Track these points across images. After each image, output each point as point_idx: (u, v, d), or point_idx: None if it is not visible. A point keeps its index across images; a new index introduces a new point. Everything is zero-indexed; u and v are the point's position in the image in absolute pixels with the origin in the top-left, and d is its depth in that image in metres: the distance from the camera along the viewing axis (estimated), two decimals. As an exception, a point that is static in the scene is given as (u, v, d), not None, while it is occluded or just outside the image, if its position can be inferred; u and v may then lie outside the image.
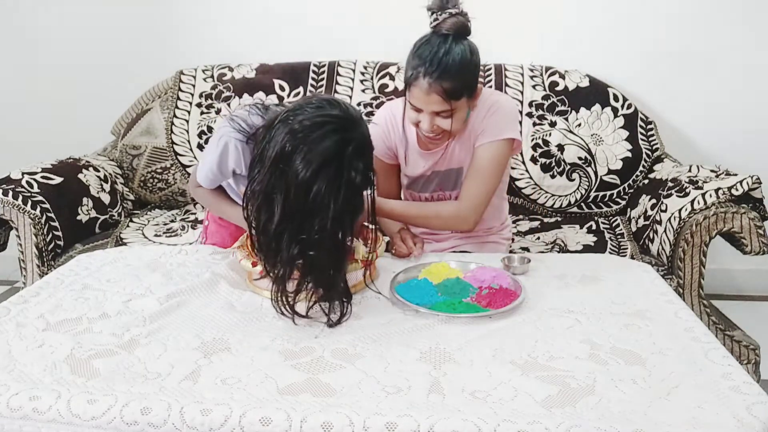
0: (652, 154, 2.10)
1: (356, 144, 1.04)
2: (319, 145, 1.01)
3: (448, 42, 1.29)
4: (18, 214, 1.80)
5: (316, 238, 1.03)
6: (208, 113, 2.23)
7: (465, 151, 1.49)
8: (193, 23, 2.41)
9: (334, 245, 1.05)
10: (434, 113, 1.34)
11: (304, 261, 1.05)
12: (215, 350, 0.99)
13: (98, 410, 0.84)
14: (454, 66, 1.28)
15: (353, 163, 1.03)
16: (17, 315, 1.11)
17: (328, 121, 1.04)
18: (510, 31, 2.24)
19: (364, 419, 0.81)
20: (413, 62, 1.31)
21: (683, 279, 1.68)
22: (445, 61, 1.28)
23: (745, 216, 1.62)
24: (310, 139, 1.02)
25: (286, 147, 1.02)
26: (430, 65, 1.28)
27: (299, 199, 1.01)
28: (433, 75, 1.28)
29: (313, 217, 1.02)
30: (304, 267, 1.06)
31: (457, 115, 1.35)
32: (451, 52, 1.28)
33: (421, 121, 1.36)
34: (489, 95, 1.47)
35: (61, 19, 2.44)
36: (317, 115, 1.04)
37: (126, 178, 2.24)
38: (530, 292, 1.17)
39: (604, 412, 0.81)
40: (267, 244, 1.07)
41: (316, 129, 1.02)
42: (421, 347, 0.99)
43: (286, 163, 1.02)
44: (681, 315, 1.09)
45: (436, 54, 1.28)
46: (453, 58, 1.28)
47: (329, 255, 1.06)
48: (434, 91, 1.29)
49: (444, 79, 1.28)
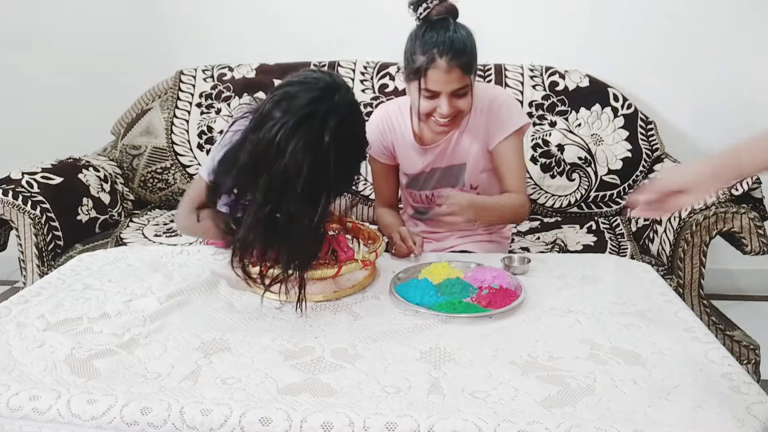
0: (652, 154, 2.10)
1: (332, 105, 1.06)
2: (298, 100, 1.04)
3: (450, 23, 1.35)
4: (18, 214, 1.80)
5: (286, 197, 1.03)
6: (208, 113, 2.23)
7: (467, 147, 1.50)
8: (193, 23, 2.41)
9: (307, 210, 1.05)
10: (452, 94, 1.38)
11: (272, 227, 1.05)
12: (215, 350, 0.99)
13: (98, 410, 0.84)
14: (465, 41, 1.35)
15: (327, 122, 1.04)
16: (18, 315, 1.11)
17: (312, 82, 1.08)
18: (510, 31, 2.24)
19: (364, 419, 0.81)
20: (423, 49, 1.35)
21: (683, 279, 1.68)
22: (457, 38, 1.34)
23: (745, 216, 1.62)
24: (290, 95, 1.05)
25: (269, 104, 1.06)
26: (444, 46, 1.33)
27: (270, 151, 1.03)
28: (449, 54, 1.33)
29: (286, 171, 1.02)
30: (274, 230, 1.05)
31: (470, 91, 1.40)
32: (458, 31, 1.35)
33: (438, 106, 1.39)
34: (484, 89, 1.51)
35: (60, 19, 2.44)
36: (303, 78, 1.09)
37: (126, 178, 2.24)
38: (530, 292, 1.17)
39: (604, 412, 0.81)
40: (238, 194, 1.08)
41: (297, 87, 1.07)
42: (421, 347, 0.99)
43: (267, 118, 1.04)
44: (681, 315, 1.09)
45: (446, 34, 1.33)
46: (461, 34, 1.35)
47: (303, 218, 1.05)
48: (455, 67, 1.33)
49: (461, 55, 1.34)
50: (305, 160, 1.02)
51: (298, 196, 1.03)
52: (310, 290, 1.16)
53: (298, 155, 1.02)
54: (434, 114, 1.41)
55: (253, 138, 1.05)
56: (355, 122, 1.12)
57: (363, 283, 1.22)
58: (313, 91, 1.06)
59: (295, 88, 1.07)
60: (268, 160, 1.03)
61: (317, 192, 1.06)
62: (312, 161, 1.02)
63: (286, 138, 1.02)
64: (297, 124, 1.03)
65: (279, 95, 1.07)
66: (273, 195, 1.04)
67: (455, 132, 1.49)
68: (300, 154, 1.02)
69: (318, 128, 1.04)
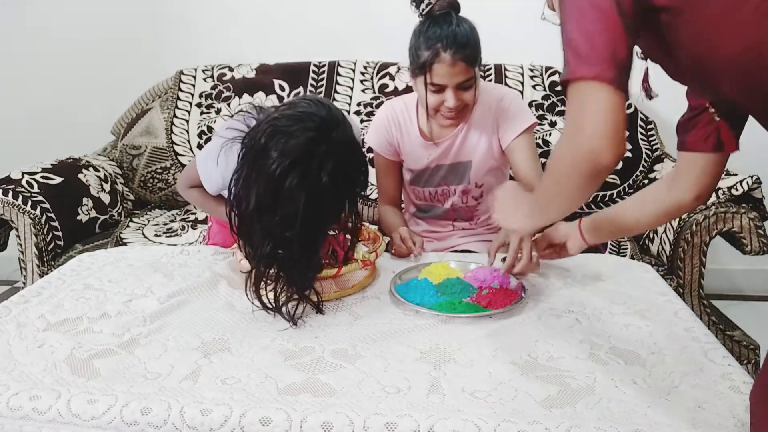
0: (652, 154, 2.10)
1: (329, 146, 1.03)
2: (294, 140, 1.02)
3: (453, 17, 1.37)
4: (18, 214, 1.80)
5: (287, 236, 1.03)
6: (208, 113, 2.23)
7: (474, 145, 1.51)
8: (193, 23, 2.41)
9: (304, 246, 1.05)
10: (457, 87, 1.39)
11: (276, 258, 1.05)
12: (215, 350, 0.99)
13: (98, 410, 0.84)
14: (468, 35, 1.37)
15: (324, 164, 1.02)
16: (18, 315, 1.11)
17: (308, 118, 1.04)
18: (510, 31, 2.23)
19: (364, 419, 0.81)
20: (427, 44, 1.36)
21: (683, 279, 1.68)
22: (461, 31, 1.36)
23: (745, 216, 1.62)
24: (287, 132, 1.03)
25: (264, 138, 1.03)
26: (448, 39, 1.34)
27: (270, 192, 1.02)
28: (453, 47, 1.34)
29: (283, 213, 1.02)
30: (277, 263, 1.06)
31: (475, 83, 1.42)
32: (462, 24, 1.37)
33: (445, 100, 1.41)
34: (492, 88, 1.54)
35: (61, 18, 2.44)
36: (300, 112, 1.06)
37: (126, 178, 2.24)
38: (530, 292, 1.17)
39: (604, 412, 0.81)
40: (244, 234, 1.08)
41: (295, 123, 1.04)
42: (421, 347, 0.99)
43: (263, 154, 1.03)
44: (681, 315, 1.09)
45: (449, 28, 1.35)
46: (464, 28, 1.37)
47: (299, 255, 1.05)
48: (459, 60, 1.35)
49: (465, 48, 1.35)
50: (301, 203, 1.01)
51: (296, 236, 1.03)
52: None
53: (295, 198, 1.01)
54: (441, 108, 1.43)
55: (255, 177, 1.03)
56: (353, 161, 1.10)
57: (363, 283, 1.22)
58: (309, 130, 1.03)
59: (291, 125, 1.04)
60: (268, 202, 1.03)
61: (314, 229, 1.06)
62: (308, 202, 1.01)
63: (281, 179, 1.01)
64: (292, 164, 1.01)
65: (272, 130, 1.04)
66: (274, 235, 1.04)
67: (462, 128, 1.50)
68: (297, 196, 1.01)
69: (315, 170, 1.02)
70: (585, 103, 0.70)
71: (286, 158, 1.01)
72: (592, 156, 0.69)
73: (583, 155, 0.70)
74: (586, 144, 0.70)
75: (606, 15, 0.68)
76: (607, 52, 0.68)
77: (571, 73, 0.71)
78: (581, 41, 0.70)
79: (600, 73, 0.68)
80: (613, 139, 0.69)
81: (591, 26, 0.69)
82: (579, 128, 0.70)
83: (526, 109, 1.56)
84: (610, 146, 0.69)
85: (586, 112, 0.70)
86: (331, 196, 1.05)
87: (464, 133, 1.51)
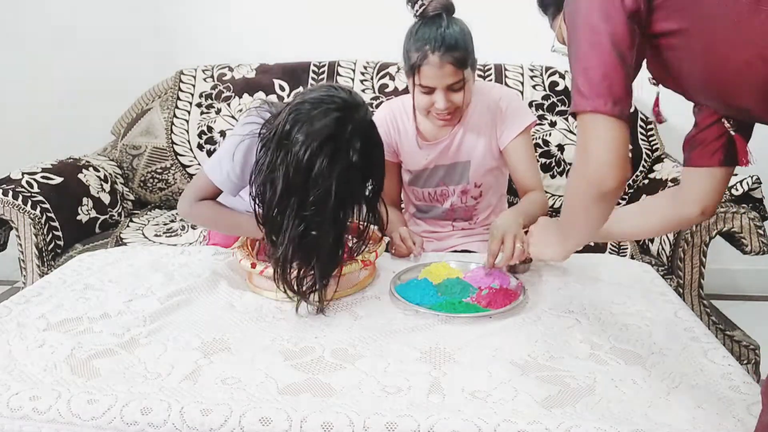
0: (652, 154, 2.09)
1: (355, 125, 1.07)
2: (320, 122, 1.04)
3: (444, 18, 1.36)
4: (18, 214, 1.80)
5: (317, 217, 1.05)
6: (208, 113, 2.23)
7: (472, 145, 1.51)
8: (193, 23, 2.41)
9: (335, 226, 1.08)
10: (447, 88, 1.39)
11: (307, 240, 1.07)
12: (215, 350, 0.99)
13: (98, 410, 0.84)
14: (458, 36, 1.35)
15: (352, 143, 1.06)
16: (19, 315, 1.11)
17: (330, 101, 1.07)
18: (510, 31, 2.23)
19: (364, 419, 0.81)
20: (416, 45, 1.37)
21: (683, 279, 1.68)
22: (449, 33, 1.35)
23: (745, 216, 1.62)
24: (311, 116, 1.05)
25: (288, 124, 1.06)
26: (436, 41, 1.34)
27: (299, 176, 1.04)
28: (441, 49, 1.34)
29: (314, 195, 1.04)
30: (307, 246, 1.07)
31: (466, 86, 1.41)
32: (451, 26, 1.36)
33: (435, 101, 1.41)
34: (490, 88, 1.53)
35: (60, 18, 2.43)
36: (321, 96, 1.08)
37: (126, 178, 2.24)
38: (530, 292, 1.17)
39: (604, 412, 0.81)
40: (271, 221, 1.09)
41: (317, 107, 1.06)
42: (421, 347, 0.99)
43: (288, 140, 1.05)
44: (681, 315, 1.09)
45: (438, 30, 1.35)
46: (454, 29, 1.36)
47: (330, 236, 1.08)
48: (447, 62, 1.35)
49: (453, 50, 1.35)
50: (333, 182, 1.04)
51: (328, 215, 1.06)
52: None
53: (327, 178, 1.04)
54: (432, 109, 1.43)
55: (281, 162, 1.05)
56: (377, 141, 1.14)
57: (363, 283, 1.22)
58: (333, 111, 1.06)
59: (313, 109, 1.06)
60: (298, 184, 1.05)
61: (344, 209, 1.09)
62: (339, 182, 1.04)
63: (311, 161, 1.03)
64: (321, 145, 1.03)
65: (295, 115, 1.06)
66: (305, 216, 1.06)
67: (459, 129, 1.50)
68: (328, 176, 1.04)
69: (344, 150, 1.05)
70: (588, 134, 0.78)
71: (315, 140, 1.03)
72: (598, 182, 0.78)
73: (589, 181, 0.80)
74: (591, 171, 0.79)
75: (601, 51, 0.75)
76: (603, 87, 0.75)
77: (574, 106, 0.78)
78: (580, 77, 0.77)
79: (598, 107, 0.75)
80: (614, 167, 0.77)
81: (588, 62, 0.76)
82: (585, 157, 0.79)
83: (525, 108, 1.56)
84: (613, 173, 0.77)
85: (590, 142, 0.78)
86: (358, 176, 1.09)
87: (462, 134, 1.51)
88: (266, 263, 1.19)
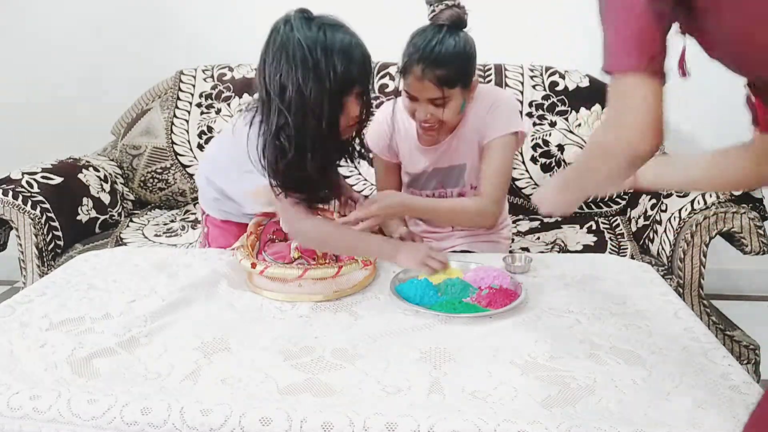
0: (652, 154, 2.09)
1: (334, 42, 1.20)
2: (300, 36, 1.23)
3: (442, 32, 1.32)
4: (18, 214, 1.80)
5: (309, 133, 1.14)
6: (208, 113, 2.23)
7: (467, 147, 1.50)
8: (193, 23, 2.41)
9: (321, 144, 1.16)
10: (429, 101, 1.36)
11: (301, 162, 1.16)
12: (215, 350, 0.99)
13: (98, 410, 0.84)
14: (447, 54, 1.31)
15: (330, 59, 1.17)
16: (22, 314, 1.11)
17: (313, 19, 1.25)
18: (510, 31, 2.23)
19: (364, 419, 0.81)
20: (408, 51, 1.35)
21: (683, 279, 1.68)
22: (438, 49, 1.31)
23: (745, 216, 1.62)
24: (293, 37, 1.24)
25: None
26: (423, 52, 1.31)
27: (284, 95, 1.14)
28: (425, 62, 1.31)
29: (301, 114, 1.13)
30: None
31: (450, 104, 1.37)
32: (445, 42, 1.31)
33: (416, 110, 1.39)
34: (489, 92, 1.49)
35: (61, 19, 2.43)
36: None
37: (126, 178, 2.24)
38: (530, 292, 1.17)
39: (604, 412, 0.81)
40: (273, 150, 1.17)
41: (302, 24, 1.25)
42: (421, 347, 0.99)
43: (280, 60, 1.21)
44: (681, 315, 1.09)
45: (429, 42, 1.32)
46: (446, 47, 1.31)
47: (319, 153, 1.17)
48: (427, 78, 1.32)
49: (437, 66, 1.31)
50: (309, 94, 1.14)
51: (322, 133, 1.16)
52: (311, 290, 1.17)
53: (305, 90, 1.14)
54: (415, 116, 1.41)
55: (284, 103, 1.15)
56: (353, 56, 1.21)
57: (363, 283, 1.22)
58: (338, 28, 1.25)
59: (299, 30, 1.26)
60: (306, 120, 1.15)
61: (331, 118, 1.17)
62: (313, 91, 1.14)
63: (295, 71, 1.17)
64: (302, 57, 1.18)
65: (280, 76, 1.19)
66: (310, 140, 1.16)
67: (456, 132, 1.49)
68: (306, 88, 1.14)
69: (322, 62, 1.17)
70: (621, 95, 0.72)
71: (297, 56, 1.20)
72: (630, 146, 0.72)
73: (620, 145, 0.72)
74: (623, 135, 0.72)
75: (634, 3, 0.69)
76: (636, 43, 0.69)
77: (606, 65, 0.73)
78: (611, 32, 0.71)
79: (631, 65, 0.69)
80: (650, 130, 0.70)
81: (620, 16, 0.70)
82: (618, 118, 0.72)
83: (514, 116, 1.48)
84: (647, 138, 0.70)
85: (624, 103, 0.72)
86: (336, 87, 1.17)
87: (459, 137, 1.50)
88: (266, 263, 1.20)
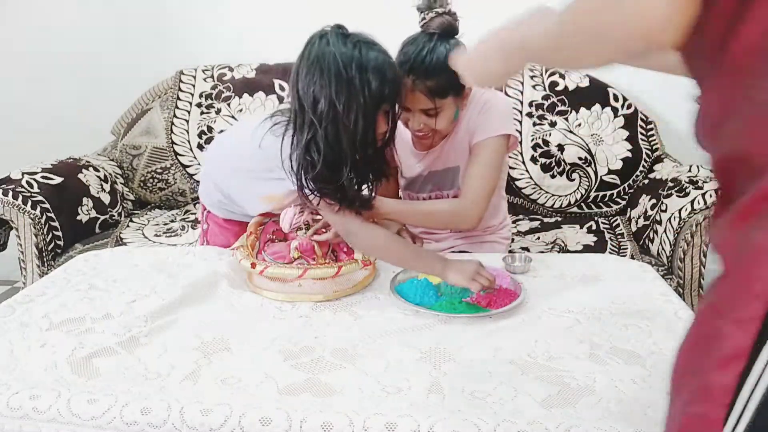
0: (652, 154, 2.10)
1: (369, 59, 1.17)
2: (372, 57, 1.19)
3: (433, 41, 1.29)
4: (18, 214, 1.80)
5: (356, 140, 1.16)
6: (208, 113, 2.23)
7: (460, 150, 1.49)
8: (193, 23, 2.41)
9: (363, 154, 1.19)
10: (421, 112, 1.34)
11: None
12: (215, 350, 0.99)
13: (98, 410, 0.84)
14: (438, 64, 1.27)
15: (364, 76, 1.15)
16: (22, 314, 1.11)
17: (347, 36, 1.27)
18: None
19: (364, 419, 0.81)
20: (398, 60, 1.31)
21: (683, 279, 1.68)
22: (428, 59, 1.28)
23: (745, 216, 1.62)
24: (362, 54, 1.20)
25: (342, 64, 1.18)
26: (413, 63, 1.28)
27: (317, 108, 1.14)
28: (416, 72, 1.28)
29: (333, 128, 1.15)
30: None
31: (443, 113, 1.35)
32: (435, 51, 1.28)
33: (410, 120, 1.37)
34: (482, 94, 1.47)
35: (61, 19, 2.43)
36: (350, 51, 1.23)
37: (126, 178, 2.24)
38: (530, 292, 1.17)
39: (604, 412, 0.81)
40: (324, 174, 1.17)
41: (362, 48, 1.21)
42: (421, 347, 0.99)
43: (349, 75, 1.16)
44: (681, 315, 1.09)
45: (420, 53, 1.28)
46: (437, 56, 1.28)
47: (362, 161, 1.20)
48: (418, 89, 1.29)
49: (428, 77, 1.28)
50: (351, 112, 1.14)
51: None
52: (310, 290, 1.17)
53: (341, 108, 1.14)
54: (408, 125, 1.40)
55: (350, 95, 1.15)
56: (387, 73, 1.19)
57: (363, 283, 1.23)
58: (372, 47, 1.21)
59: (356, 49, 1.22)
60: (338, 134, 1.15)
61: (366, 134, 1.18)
62: (353, 110, 1.14)
63: (328, 87, 1.15)
64: (337, 74, 1.16)
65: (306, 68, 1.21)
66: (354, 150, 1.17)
67: (450, 135, 1.48)
68: (343, 106, 1.14)
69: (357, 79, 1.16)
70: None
71: (332, 75, 1.17)
72: (647, 16, 0.50)
73: (630, 12, 0.50)
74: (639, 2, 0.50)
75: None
76: None
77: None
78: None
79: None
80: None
81: None
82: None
83: (506, 119, 1.43)
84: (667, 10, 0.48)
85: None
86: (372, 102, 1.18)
87: (453, 139, 1.49)
88: (266, 263, 1.20)
